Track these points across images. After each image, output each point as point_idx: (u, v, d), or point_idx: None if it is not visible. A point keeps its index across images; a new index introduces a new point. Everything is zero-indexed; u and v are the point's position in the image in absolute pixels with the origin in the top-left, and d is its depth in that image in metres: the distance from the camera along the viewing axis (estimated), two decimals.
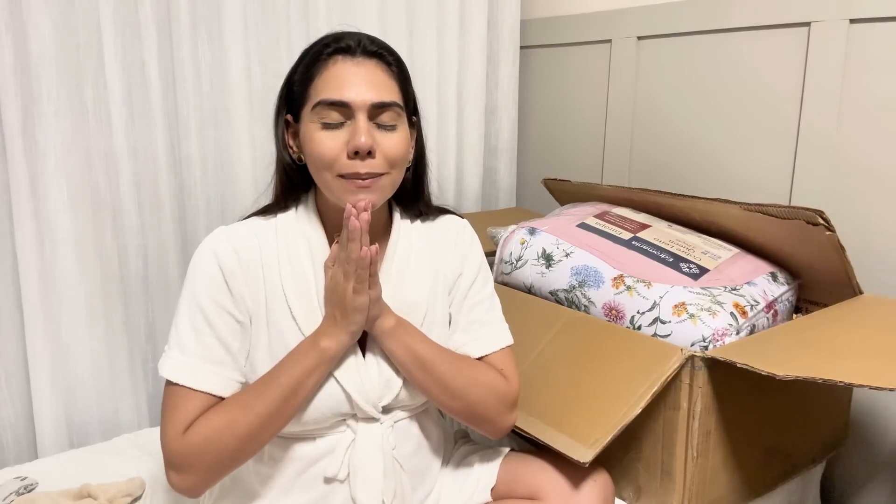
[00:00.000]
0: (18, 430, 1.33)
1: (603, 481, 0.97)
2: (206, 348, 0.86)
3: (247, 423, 0.83)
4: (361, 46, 0.87)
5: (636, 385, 1.01)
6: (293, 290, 0.88)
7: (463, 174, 1.94)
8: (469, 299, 0.99)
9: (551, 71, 1.96)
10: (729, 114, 1.54)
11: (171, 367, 0.86)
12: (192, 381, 0.85)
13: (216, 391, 0.86)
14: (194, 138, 1.45)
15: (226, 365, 0.87)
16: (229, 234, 0.89)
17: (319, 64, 0.87)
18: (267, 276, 0.89)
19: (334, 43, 0.87)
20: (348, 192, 0.85)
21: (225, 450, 0.84)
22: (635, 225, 1.36)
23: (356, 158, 0.84)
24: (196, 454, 0.84)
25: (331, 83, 0.85)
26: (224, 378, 0.87)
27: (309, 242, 0.91)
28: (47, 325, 1.29)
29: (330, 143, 0.84)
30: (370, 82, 0.85)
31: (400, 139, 0.87)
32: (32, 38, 1.22)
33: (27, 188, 1.24)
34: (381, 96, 0.85)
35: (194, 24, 1.42)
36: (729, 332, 1.10)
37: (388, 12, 1.69)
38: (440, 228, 1.00)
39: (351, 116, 0.84)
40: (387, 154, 0.86)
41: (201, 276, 0.87)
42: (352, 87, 0.84)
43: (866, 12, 1.29)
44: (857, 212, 1.35)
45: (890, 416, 1.36)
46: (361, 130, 0.83)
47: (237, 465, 0.87)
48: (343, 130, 0.85)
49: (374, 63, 0.87)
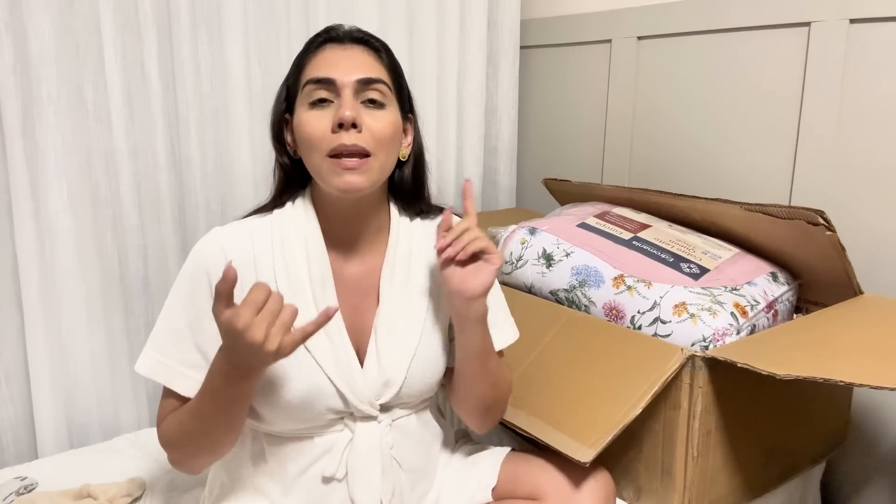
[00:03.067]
0: (18, 430, 1.33)
1: (604, 481, 0.97)
2: (181, 351, 0.87)
3: (194, 434, 0.85)
4: (349, 34, 0.90)
5: (636, 385, 1.01)
6: (287, 287, 0.88)
7: (463, 174, 1.94)
8: None
9: (551, 71, 1.96)
10: (729, 114, 1.54)
11: (146, 365, 0.88)
12: (164, 379, 0.88)
13: (186, 392, 0.87)
14: (194, 138, 1.45)
15: (199, 369, 0.87)
16: (220, 236, 0.89)
17: (309, 54, 0.89)
18: (260, 275, 0.89)
19: (324, 34, 0.90)
20: (335, 174, 0.85)
21: (187, 447, 0.87)
22: (635, 225, 1.36)
23: (340, 132, 0.84)
24: (169, 445, 0.89)
25: (318, 65, 0.87)
26: (195, 382, 0.87)
27: (304, 236, 0.91)
28: (47, 325, 1.29)
29: (317, 122, 0.85)
30: (357, 63, 0.87)
31: (387, 118, 0.87)
32: (32, 38, 1.22)
33: (27, 188, 1.24)
34: (368, 73, 0.87)
35: (194, 24, 1.42)
36: (729, 332, 1.10)
37: (388, 12, 1.69)
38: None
39: (338, 94, 0.85)
40: (373, 131, 0.85)
41: (187, 281, 0.88)
42: (338, 67, 0.86)
43: (866, 12, 1.29)
44: (857, 212, 1.35)
45: (890, 416, 1.36)
46: (346, 104, 0.84)
47: (211, 457, 0.89)
48: (330, 109, 0.85)
49: (362, 48, 0.89)
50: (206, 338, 0.87)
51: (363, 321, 0.93)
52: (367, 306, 0.93)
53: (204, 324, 0.86)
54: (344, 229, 0.93)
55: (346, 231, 0.93)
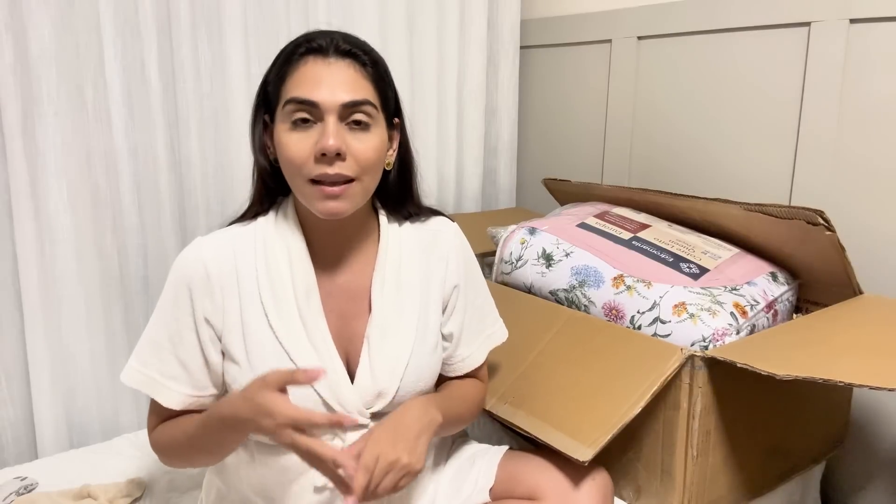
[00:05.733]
0: (18, 430, 1.33)
1: (602, 481, 0.97)
2: (162, 363, 0.88)
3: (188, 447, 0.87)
4: (334, 45, 0.84)
5: (636, 384, 1.01)
6: (270, 297, 0.87)
7: (463, 174, 1.94)
8: (470, 306, 1.01)
9: (551, 71, 1.96)
10: (729, 114, 1.54)
11: (129, 375, 0.89)
12: (147, 390, 0.89)
13: (167, 404, 0.88)
14: (194, 139, 1.45)
15: (180, 381, 0.88)
16: (202, 249, 0.88)
17: (291, 64, 0.85)
18: (243, 286, 0.87)
19: (306, 43, 0.85)
20: (317, 199, 0.83)
21: (179, 458, 0.91)
22: (635, 225, 1.36)
23: (324, 161, 0.81)
24: (161, 453, 0.92)
25: (301, 82, 0.83)
26: (176, 393, 0.88)
27: (287, 247, 0.89)
28: (47, 325, 1.29)
29: (299, 145, 0.82)
30: (342, 82, 0.83)
31: (372, 143, 0.84)
32: (32, 38, 1.22)
33: (27, 188, 1.24)
34: (353, 95, 0.83)
35: (194, 24, 1.42)
36: (729, 332, 1.10)
37: (388, 12, 1.69)
38: (431, 232, 0.99)
39: (321, 118, 0.82)
40: (357, 157, 0.83)
41: (169, 295, 0.88)
42: (322, 88, 0.82)
43: (866, 12, 1.29)
44: (857, 212, 1.35)
45: (890, 416, 1.36)
46: (330, 132, 0.80)
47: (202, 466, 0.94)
48: (313, 131, 0.82)
49: (347, 63, 0.84)
50: (185, 350, 0.87)
51: (353, 329, 0.91)
52: (357, 313, 0.92)
53: (184, 336, 0.87)
54: (329, 240, 0.91)
55: (332, 242, 0.92)
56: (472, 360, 1.01)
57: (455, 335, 0.99)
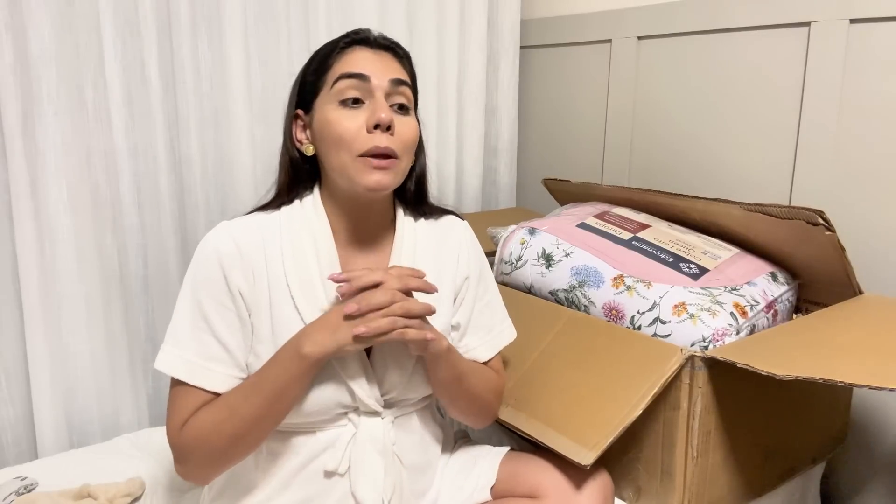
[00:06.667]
0: (18, 430, 1.33)
1: (603, 481, 0.97)
2: (201, 344, 0.86)
3: (233, 426, 0.84)
4: (377, 39, 0.93)
5: (636, 385, 1.01)
6: (297, 281, 0.89)
7: (463, 174, 1.94)
8: (479, 301, 1.02)
9: (551, 71, 1.96)
10: (729, 114, 1.54)
11: (166, 361, 0.86)
12: (186, 376, 0.86)
13: (211, 387, 0.86)
14: (194, 138, 1.45)
15: (222, 361, 0.87)
16: (231, 228, 0.90)
17: (337, 53, 0.90)
18: (270, 268, 0.89)
19: (351, 35, 0.92)
20: (366, 172, 0.86)
21: (216, 449, 0.85)
22: (635, 225, 1.36)
23: (376, 132, 0.85)
24: (191, 449, 0.86)
25: (350, 63, 0.89)
26: (220, 374, 0.87)
27: (313, 234, 0.91)
28: (47, 325, 1.29)
29: (349, 122, 0.86)
30: (387, 65, 0.90)
31: (413, 124, 0.91)
32: (32, 38, 1.22)
33: (27, 188, 1.24)
34: (399, 74, 0.90)
35: (194, 24, 1.42)
36: (729, 332, 1.10)
37: (388, 12, 1.69)
38: (443, 228, 1.02)
39: (370, 96, 0.87)
40: (402, 136, 0.88)
41: (201, 273, 0.87)
42: (371, 67, 0.89)
43: (866, 12, 1.29)
44: (857, 212, 1.35)
45: (890, 416, 1.36)
46: (382, 106, 0.86)
47: (234, 461, 0.88)
48: (362, 110, 0.87)
49: (390, 55, 0.92)
50: (223, 327, 0.86)
51: None
52: None
53: (221, 313, 0.86)
54: (353, 227, 0.94)
55: (356, 229, 0.94)
56: (476, 353, 1.01)
57: (462, 325, 1.00)
